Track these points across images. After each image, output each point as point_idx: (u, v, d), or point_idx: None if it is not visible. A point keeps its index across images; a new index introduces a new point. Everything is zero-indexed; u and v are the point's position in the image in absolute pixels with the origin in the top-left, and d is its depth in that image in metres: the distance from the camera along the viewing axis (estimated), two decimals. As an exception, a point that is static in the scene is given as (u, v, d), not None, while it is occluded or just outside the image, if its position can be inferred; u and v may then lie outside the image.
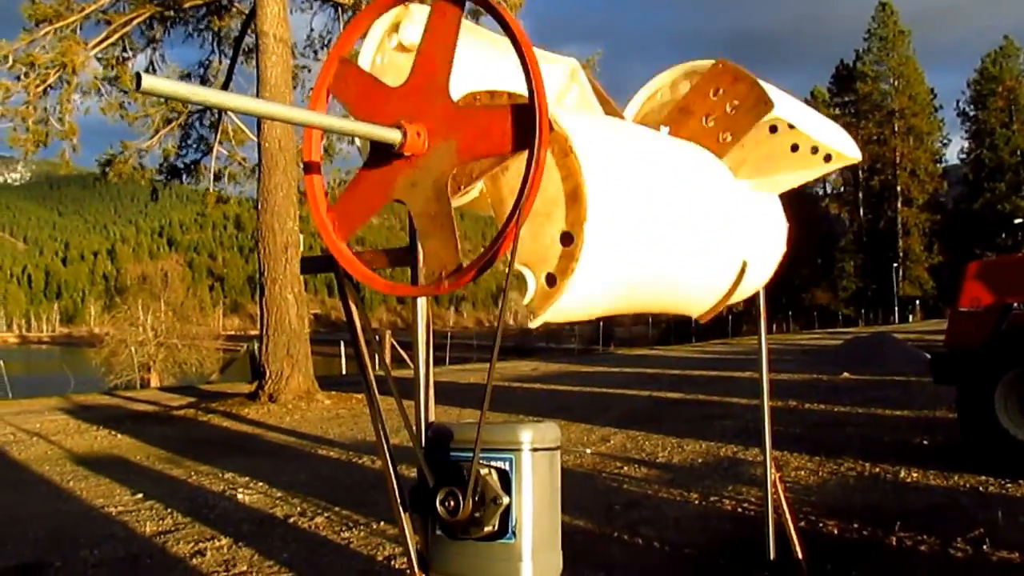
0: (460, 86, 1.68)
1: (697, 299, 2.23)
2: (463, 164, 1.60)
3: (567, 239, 1.64)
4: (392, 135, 1.60)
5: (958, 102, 63.02)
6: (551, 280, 1.66)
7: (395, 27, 1.89)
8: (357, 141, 1.93)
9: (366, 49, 1.91)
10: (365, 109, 1.71)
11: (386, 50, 1.90)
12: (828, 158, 2.45)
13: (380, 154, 1.70)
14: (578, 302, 1.69)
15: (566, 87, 2.27)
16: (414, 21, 1.84)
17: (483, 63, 1.88)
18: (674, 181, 2.06)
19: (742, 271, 2.28)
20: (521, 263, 1.68)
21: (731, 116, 2.30)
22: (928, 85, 63.05)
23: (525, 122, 1.53)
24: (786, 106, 2.30)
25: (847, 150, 2.49)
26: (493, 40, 1.99)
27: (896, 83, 61.79)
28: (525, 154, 1.53)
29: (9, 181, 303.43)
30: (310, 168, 1.87)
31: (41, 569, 4.47)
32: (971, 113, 61.39)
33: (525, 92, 1.55)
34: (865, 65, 62.40)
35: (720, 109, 2.32)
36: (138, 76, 1.20)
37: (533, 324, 1.68)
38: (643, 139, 2.10)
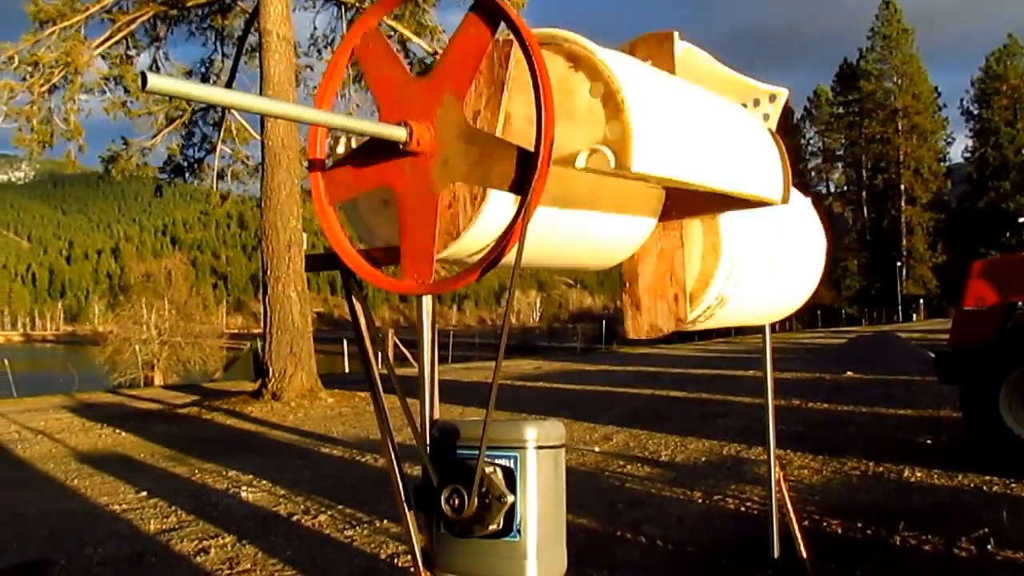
0: None
1: (764, 177, 2.12)
2: (466, 95, 1.59)
3: (598, 89, 1.60)
4: (398, 132, 1.60)
5: (962, 100, 62.99)
6: (614, 126, 1.61)
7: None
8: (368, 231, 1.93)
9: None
10: (369, 167, 1.72)
11: None
12: (766, 117, 2.42)
13: (403, 167, 1.68)
14: (649, 128, 1.63)
15: None
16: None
17: None
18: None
19: (781, 148, 2.25)
20: (587, 146, 1.63)
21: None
22: (932, 83, 62.88)
23: (487, 9, 1.50)
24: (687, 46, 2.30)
25: (767, 86, 2.45)
26: None
27: (900, 81, 61.59)
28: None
29: (13, 180, 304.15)
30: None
31: (46, 567, 4.49)
32: (975, 112, 61.14)
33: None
34: (868, 64, 62.21)
35: None
36: (143, 75, 1.20)
37: (634, 168, 1.59)
38: None
